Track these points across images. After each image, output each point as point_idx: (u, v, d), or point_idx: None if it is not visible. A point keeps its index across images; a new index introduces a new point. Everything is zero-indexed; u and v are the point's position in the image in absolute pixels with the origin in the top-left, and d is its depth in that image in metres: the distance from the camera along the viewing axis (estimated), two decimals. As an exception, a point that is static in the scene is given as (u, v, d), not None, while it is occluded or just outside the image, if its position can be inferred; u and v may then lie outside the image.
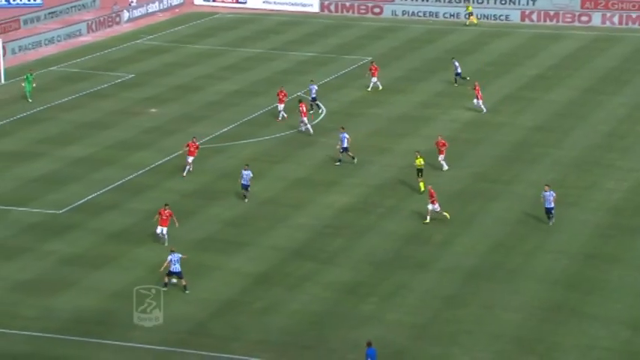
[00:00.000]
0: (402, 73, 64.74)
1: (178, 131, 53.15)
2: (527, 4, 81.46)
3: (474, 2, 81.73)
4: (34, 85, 57.72)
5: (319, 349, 32.04)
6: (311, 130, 51.98)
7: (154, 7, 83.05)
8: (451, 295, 35.59)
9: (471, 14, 79.15)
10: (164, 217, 38.57)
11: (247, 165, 43.69)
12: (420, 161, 44.53)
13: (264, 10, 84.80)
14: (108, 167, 47.53)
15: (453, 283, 36.41)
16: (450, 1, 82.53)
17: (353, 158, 47.79)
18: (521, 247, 39.31)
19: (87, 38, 74.02)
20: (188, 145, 46.38)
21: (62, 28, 74.12)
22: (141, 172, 47.13)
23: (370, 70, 60.77)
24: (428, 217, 40.92)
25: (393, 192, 44.83)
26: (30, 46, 69.76)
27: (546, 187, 40.94)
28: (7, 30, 73.16)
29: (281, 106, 54.50)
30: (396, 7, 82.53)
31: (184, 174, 45.94)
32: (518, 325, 33.59)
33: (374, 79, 60.39)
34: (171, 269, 35.38)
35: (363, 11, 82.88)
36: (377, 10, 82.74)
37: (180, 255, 35.46)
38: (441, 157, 47.05)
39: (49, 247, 38.89)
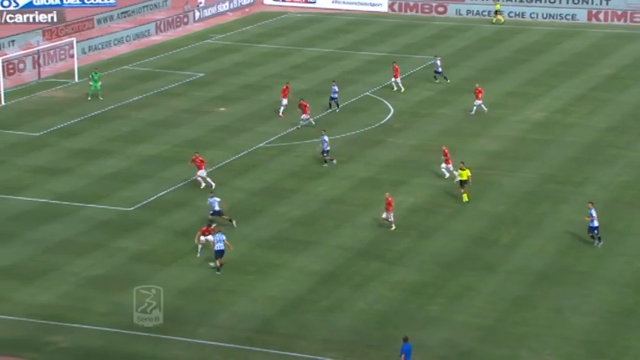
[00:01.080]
0: (471, 73, 64.26)
1: (247, 130, 53.50)
2: (601, 3, 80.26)
3: (545, 1, 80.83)
4: (101, 83, 58.53)
5: (385, 349, 31.97)
6: (313, 123, 51.85)
7: (224, 6, 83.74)
8: (519, 297, 35.22)
9: (497, 12, 78.24)
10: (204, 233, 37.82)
11: (212, 192, 41.64)
12: (464, 173, 43.29)
13: (334, 9, 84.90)
14: (177, 165, 48.04)
15: (521, 285, 36.03)
16: (515, 0, 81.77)
17: (332, 160, 47.53)
18: (592, 250, 38.73)
19: (158, 37, 74.92)
20: (193, 161, 44.57)
21: (134, 27, 75.14)
22: (209, 170, 47.51)
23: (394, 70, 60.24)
24: (393, 226, 40.25)
25: (461, 192, 44.49)
26: (102, 45, 70.85)
27: (589, 205, 39.05)
28: (81, 29, 74.42)
29: (285, 101, 54.64)
30: (461, 6, 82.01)
31: (202, 186, 44.02)
32: (587, 328, 33.12)
33: (395, 80, 59.76)
34: (216, 248, 36.26)
35: (427, 10, 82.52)
36: (441, 9, 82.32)
37: (224, 236, 36.31)
38: (444, 166, 45.84)
39: (120, 244, 39.45)
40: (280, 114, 54.79)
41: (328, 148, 47.68)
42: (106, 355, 31.80)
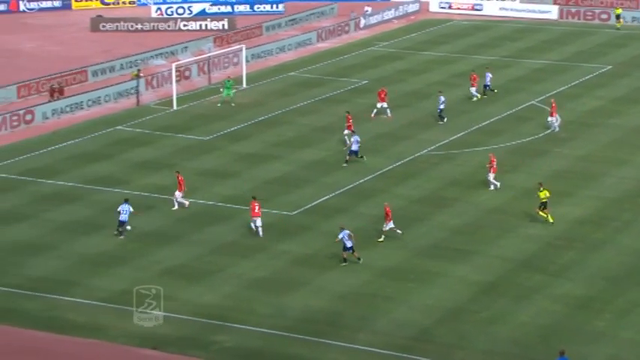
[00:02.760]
0: (643, 83, 62.12)
1: (409, 137, 53.42)
2: None
3: None
4: (234, 90, 59.39)
5: (546, 364, 31.25)
6: (347, 142, 50.18)
7: (389, 14, 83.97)
8: (690, 316, 33.74)
9: (618, 17, 76.47)
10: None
11: (127, 199, 40.85)
12: (544, 194, 41.42)
13: (501, 17, 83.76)
14: (339, 171, 48.43)
15: (693, 304, 34.50)
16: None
17: (362, 157, 48.52)
18: None
19: (323, 45, 75.83)
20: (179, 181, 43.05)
21: (300, 34, 76.33)
22: (371, 176, 47.72)
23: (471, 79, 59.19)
24: (382, 236, 39.84)
25: (631, 205, 43.08)
26: (269, 52, 72.25)
27: None
28: (249, 37, 76.19)
29: (380, 105, 55.62)
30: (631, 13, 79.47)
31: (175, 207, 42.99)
32: None
33: (473, 89, 58.90)
34: (346, 245, 37.28)
35: (589, 17, 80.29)
36: (604, 16, 79.91)
37: (349, 231, 37.43)
38: (491, 176, 44.74)
39: (282, 247, 40.08)
40: (372, 115, 55.90)
41: (356, 149, 48.26)
42: (267, 356, 32.36)
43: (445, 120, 55.27)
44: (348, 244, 37.86)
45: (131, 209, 40.43)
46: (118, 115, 58.08)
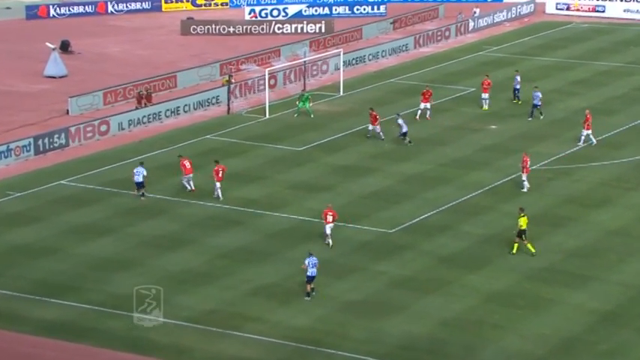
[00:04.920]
0: None
1: (519, 150, 52.59)
2: None
3: None
4: (311, 104, 58.95)
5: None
6: (382, 136, 53.75)
7: (500, 16, 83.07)
8: None
9: None
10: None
11: (141, 162, 47.09)
12: (524, 220, 40.14)
13: (626, 19, 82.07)
14: (442, 186, 47.96)
15: None
16: None
17: (410, 142, 52.20)
18: None
19: (427, 49, 75.42)
20: (182, 167, 47.23)
21: (401, 38, 76.03)
22: (477, 192, 47.11)
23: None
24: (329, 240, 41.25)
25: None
26: (371, 56, 72.10)
27: None
28: (348, 40, 76.19)
29: (423, 106, 57.48)
30: None
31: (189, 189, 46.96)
32: None
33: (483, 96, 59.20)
34: (309, 274, 36.80)
35: None
36: None
37: (316, 260, 36.93)
38: (524, 176, 46.77)
39: (380, 268, 39.81)
40: (416, 117, 57.53)
41: (405, 130, 52.38)
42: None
43: (542, 117, 55.52)
44: (312, 272, 36.91)
45: (144, 172, 46.08)
46: (207, 123, 58.69)
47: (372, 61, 71.87)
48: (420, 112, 57.58)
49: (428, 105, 57.73)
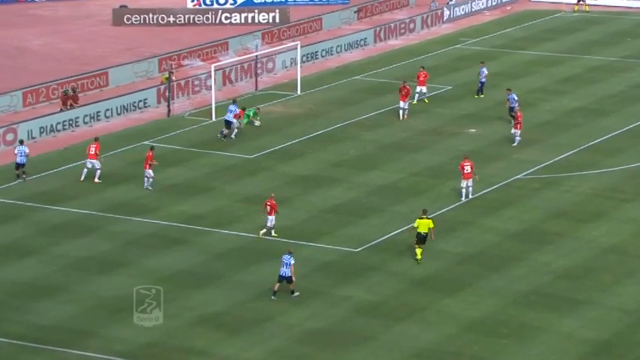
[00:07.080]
0: None
1: (501, 157, 53.10)
2: None
3: None
4: (259, 122, 58.08)
5: None
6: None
7: (479, 4, 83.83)
8: None
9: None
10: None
11: (21, 141, 50.70)
12: (422, 223, 41.10)
13: (620, 7, 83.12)
14: (414, 198, 48.27)
15: None
16: None
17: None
18: None
19: (396, 42, 75.89)
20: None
21: (366, 29, 76.38)
22: (454, 205, 47.46)
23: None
24: (264, 230, 43.48)
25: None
26: (332, 50, 72.25)
27: None
28: (306, 32, 76.30)
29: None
30: None
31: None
32: None
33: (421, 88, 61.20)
34: (281, 273, 38.55)
35: None
36: None
37: (292, 260, 38.73)
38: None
39: (344, 292, 39.99)
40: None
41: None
42: None
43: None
44: (286, 272, 38.55)
45: (27, 150, 49.48)
46: (144, 127, 58.63)
47: (333, 55, 72.21)
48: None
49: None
